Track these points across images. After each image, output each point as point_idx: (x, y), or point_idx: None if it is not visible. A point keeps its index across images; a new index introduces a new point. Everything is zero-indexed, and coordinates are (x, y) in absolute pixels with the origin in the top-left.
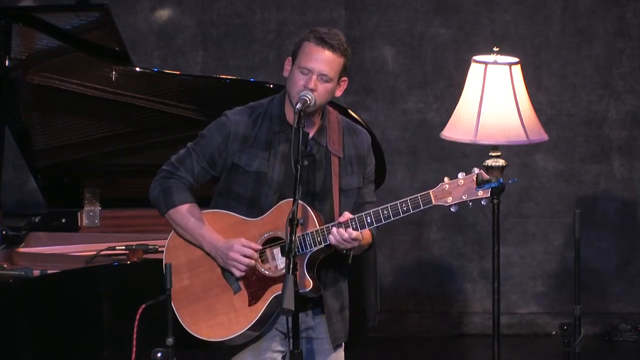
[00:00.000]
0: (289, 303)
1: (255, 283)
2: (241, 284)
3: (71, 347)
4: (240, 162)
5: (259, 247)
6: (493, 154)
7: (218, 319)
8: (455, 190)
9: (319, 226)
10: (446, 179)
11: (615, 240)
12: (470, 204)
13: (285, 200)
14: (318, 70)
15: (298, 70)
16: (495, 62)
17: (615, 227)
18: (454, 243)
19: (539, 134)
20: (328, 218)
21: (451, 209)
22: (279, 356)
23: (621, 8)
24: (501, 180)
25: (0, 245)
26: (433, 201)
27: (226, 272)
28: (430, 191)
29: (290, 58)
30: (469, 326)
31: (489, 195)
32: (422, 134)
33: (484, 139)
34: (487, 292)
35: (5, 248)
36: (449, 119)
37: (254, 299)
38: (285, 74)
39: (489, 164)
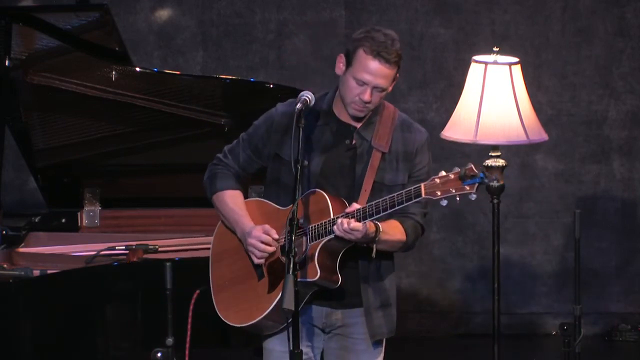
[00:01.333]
0: (289, 303)
1: (276, 270)
2: (264, 271)
3: (71, 347)
4: (281, 153)
5: (276, 235)
6: (493, 154)
7: (243, 305)
8: (445, 184)
9: (333, 216)
10: (441, 173)
11: (615, 240)
12: (458, 198)
13: (313, 189)
14: (374, 84)
15: (352, 79)
16: (495, 62)
17: (615, 227)
18: (454, 243)
19: (539, 134)
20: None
21: (441, 203)
22: (309, 350)
23: (621, 8)
24: (482, 175)
25: (0, 245)
26: (422, 194)
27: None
28: (422, 184)
29: (343, 56)
30: (469, 326)
31: (474, 190)
32: None
33: (484, 139)
34: (487, 292)
35: (5, 248)
36: (449, 119)
37: (273, 286)
38: (339, 72)
39: (489, 164)
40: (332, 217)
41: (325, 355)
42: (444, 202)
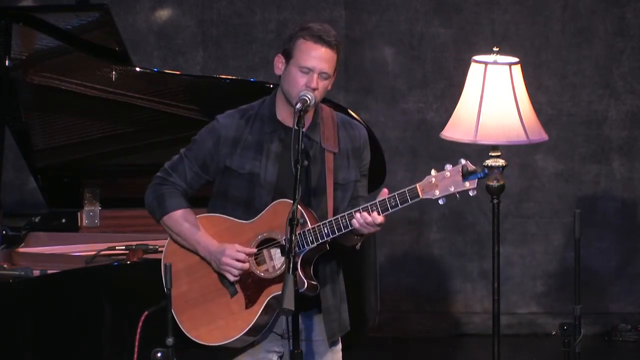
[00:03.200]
0: (289, 303)
1: (251, 286)
2: (237, 287)
3: (71, 347)
4: (232, 165)
5: (253, 250)
6: (493, 154)
7: (216, 323)
8: (442, 182)
9: (311, 225)
10: (433, 172)
11: (615, 240)
12: (458, 195)
13: (278, 200)
14: (319, 69)
15: (297, 69)
16: (495, 62)
17: (615, 227)
18: (454, 243)
19: (539, 134)
20: (323, 214)
21: (439, 202)
22: (274, 356)
23: (621, 8)
24: (486, 170)
25: (0, 245)
26: (420, 194)
27: (222, 276)
28: (417, 184)
29: (281, 55)
30: (469, 326)
31: (475, 186)
32: (422, 134)
33: (484, 139)
34: (487, 292)
35: (5, 248)
36: (449, 119)
37: (250, 301)
38: (278, 72)
39: (489, 164)
40: (310, 226)
41: (286, 359)
42: (442, 201)
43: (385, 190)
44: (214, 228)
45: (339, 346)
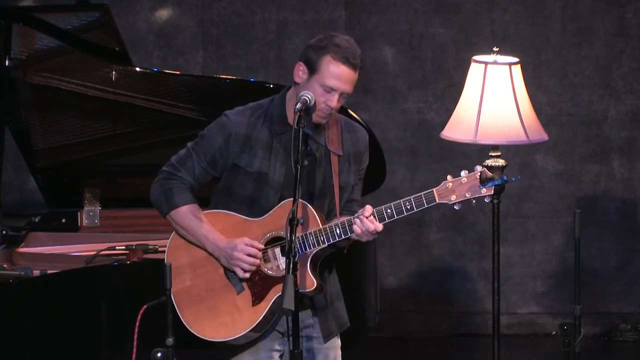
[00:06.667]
0: (289, 303)
1: (258, 283)
2: (244, 284)
3: (71, 347)
4: (241, 163)
5: (262, 246)
6: (493, 154)
7: (221, 319)
8: (459, 188)
9: (322, 225)
10: (449, 177)
11: (615, 240)
12: (474, 201)
13: (287, 200)
14: (342, 90)
15: (319, 86)
16: (495, 62)
17: (615, 227)
18: (454, 243)
19: (539, 134)
20: (328, 216)
21: (455, 207)
22: (276, 355)
23: (621, 8)
24: (505, 177)
25: (0, 245)
26: (437, 199)
27: (229, 272)
28: (434, 190)
29: (303, 64)
30: (469, 326)
31: (492, 192)
32: (422, 134)
33: (484, 139)
34: (487, 292)
35: (5, 248)
36: (449, 119)
37: (257, 298)
38: (298, 80)
39: (489, 164)
40: (320, 226)
41: (286, 358)
42: (458, 207)
43: (368, 206)
44: (220, 224)
45: (338, 342)
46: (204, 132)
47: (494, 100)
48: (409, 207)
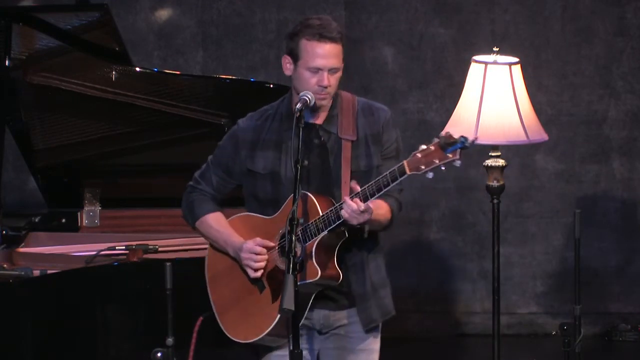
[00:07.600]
0: (289, 303)
1: (275, 280)
2: (265, 282)
3: (71, 347)
4: (253, 167)
5: (271, 243)
6: (493, 154)
7: (250, 320)
8: (427, 156)
9: (321, 212)
10: (421, 147)
11: (615, 240)
12: (444, 167)
13: (292, 195)
14: (328, 66)
15: (306, 70)
16: (495, 62)
17: (615, 227)
18: (454, 243)
19: (539, 134)
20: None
21: (427, 176)
22: (306, 353)
23: (621, 8)
24: (463, 139)
25: (0, 245)
26: (407, 171)
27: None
28: (405, 161)
29: (287, 56)
30: (469, 326)
31: (458, 157)
32: (422, 134)
33: (484, 139)
34: (487, 292)
35: (5, 248)
36: (449, 119)
37: (275, 296)
38: (288, 72)
39: (489, 164)
40: (320, 214)
41: (322, 356)
42: (430, 175)
43: (354, 182)
44: (245, 227)
45: (376, 338)
46: (220, 142)
47: (494, 100)
48: (385, 183)
